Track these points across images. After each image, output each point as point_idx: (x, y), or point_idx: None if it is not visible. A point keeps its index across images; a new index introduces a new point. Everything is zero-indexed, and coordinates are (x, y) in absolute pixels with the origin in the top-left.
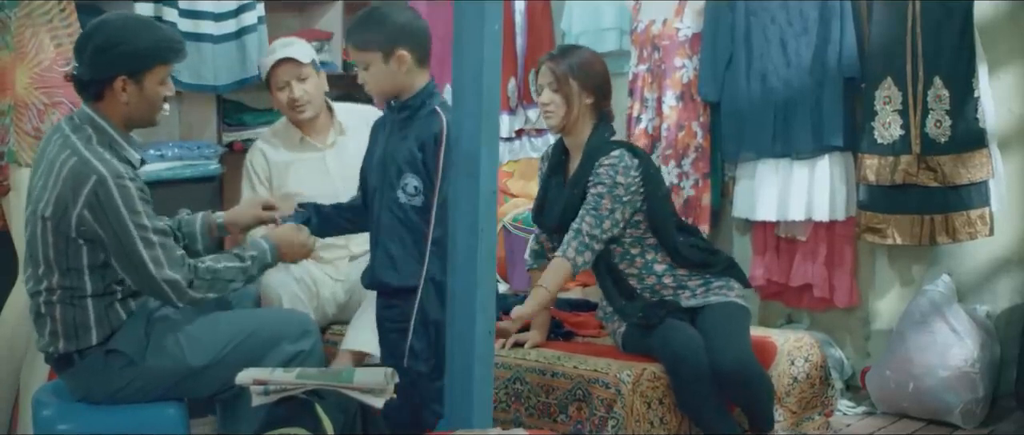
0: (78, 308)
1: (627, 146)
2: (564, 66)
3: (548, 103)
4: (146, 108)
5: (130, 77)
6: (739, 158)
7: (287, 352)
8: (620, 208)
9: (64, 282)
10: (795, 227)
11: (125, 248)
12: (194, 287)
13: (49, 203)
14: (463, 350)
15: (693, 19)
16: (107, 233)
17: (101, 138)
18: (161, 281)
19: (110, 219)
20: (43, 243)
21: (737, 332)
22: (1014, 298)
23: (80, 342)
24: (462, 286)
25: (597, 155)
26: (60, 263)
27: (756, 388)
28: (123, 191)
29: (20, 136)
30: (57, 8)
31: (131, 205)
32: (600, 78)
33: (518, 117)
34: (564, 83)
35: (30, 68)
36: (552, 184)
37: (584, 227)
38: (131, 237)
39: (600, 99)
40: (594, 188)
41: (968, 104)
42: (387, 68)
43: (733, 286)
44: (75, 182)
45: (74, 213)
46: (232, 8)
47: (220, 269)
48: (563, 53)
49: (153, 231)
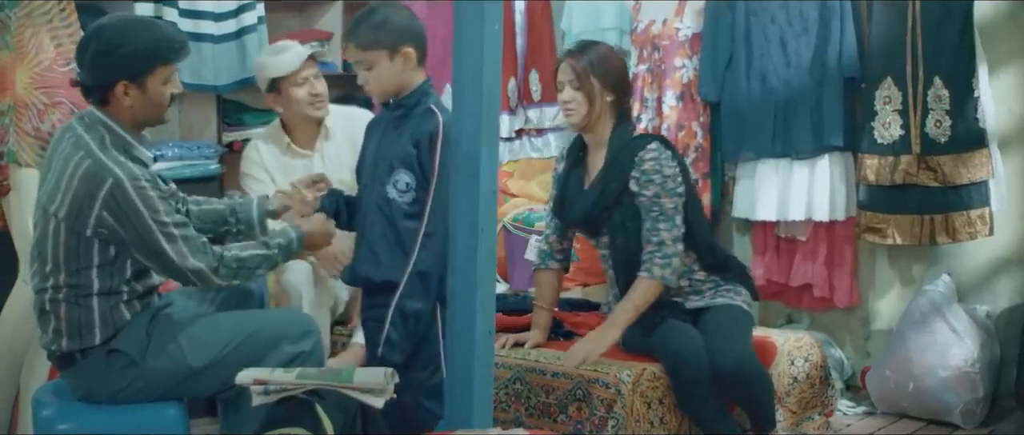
0: (83, 307)
1: (658, 138)
2: (584, 62)
3: (569, 100)
4: (152, 108)
5: (131, 81)
6: (739, 158)
7: (287, 353)
8: (677, 201)
9: (71, 280)
10: (795, 227)
11: (149, 245)
12: (219, 274)
13: (63, 204)
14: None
15: (693, 19)
16: (128, 232)
17: (114, 140)
18: (186, 270)
19: (130, 219)
20: (53, 242)
21: (739, 333)
22: (1014, 298)
23: (83, 341)
24: (462, 286)
25: (629, 151)
26: (69, 262)
27: (757, 388)
28: (140, 192)
29: (20, 136)
30: (57, 8)
31: (150, 204)
32: (619, 74)
33: (518, 117)
34: (585, 80)
35: (30, 68)
36: (571, 180)
37: (665, 238)
38: (153, 234)
39: (620, 96)
40: (647, 189)
41: (968, 104)
42: (392, 67)
43: (741, 292)
44: (92, 184)
45: (92, 215)
46: (232, 8)
47: (246, 258)
48: (583, 49)
49: (174, 225)
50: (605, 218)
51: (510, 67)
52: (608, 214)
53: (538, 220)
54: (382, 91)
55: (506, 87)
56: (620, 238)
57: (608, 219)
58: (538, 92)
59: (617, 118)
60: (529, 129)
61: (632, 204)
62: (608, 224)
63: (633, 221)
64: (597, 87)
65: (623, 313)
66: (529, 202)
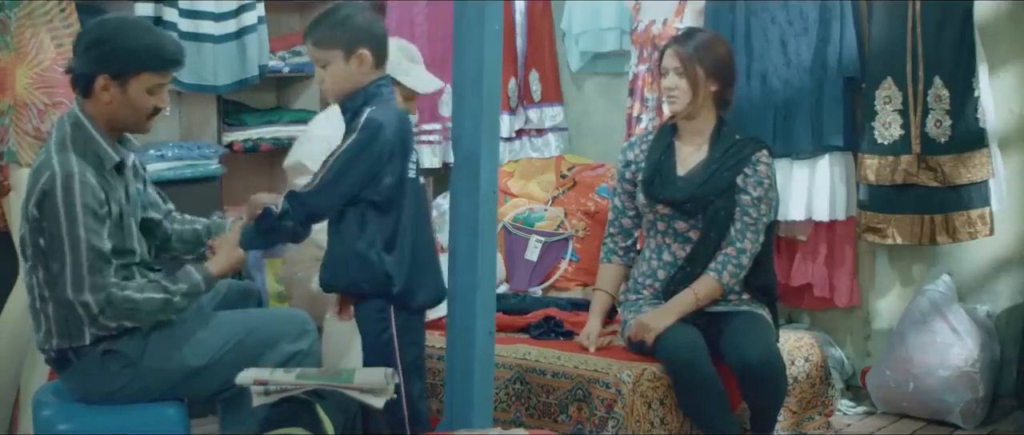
0: (66, 305)
1: (767, 145)
2: (690, 49)
3: (673, 88)
4: (130, 113)
5: (112, 78)
6: None
7: (285, 352)
8: (769, 217)
9: (49, 280)
10: (795, 227)
11: (55, 254)
12: (105, 315)
13: (28, 199)
14: (463, 350)
15: (693, 19)
16: (45, 235)
17: (77, 135)
18: (74, 301)
19: (50, 219)
20: (23, 241)
21: (764, 332)
22: (1014, 298)
23: (73, 340)
24: (462, 286)
25: (741, 146)
26: (39, 262)
27: (775, 386)
28: (67, 192)
29: (20, 136)
30: (57, 8)
31: (71, 208)
32: (725, 63)
33: (518, 117)
34: (690, 68)
35: (30, 68)
36: (664, 163)
37: (747, 247)
38: (61, 244)
39: (724, 87)
40: (754, 190)
41: (968, 104)
42: (347, 68)
43: (763, 308)
44: (34, 178)
45: (29, 208)
46: (232, 8)
47: (140, 301)
48: (689, 36)
49: (86, 246)
50: (706, 205)
51: (510, 67)
52: (711, 202)
53: (538, 220)
54: (337, 91)
55: (506, 87)
56: (713, 232)
57: (708, 206)
58: (538, 92)
59: (719, 108)
60: (529, 129)
61: (732, 200)
62: (705, 212)
63: (728, 219)
64: (701, 75)
65: (685, 303)
66: (529, 202)
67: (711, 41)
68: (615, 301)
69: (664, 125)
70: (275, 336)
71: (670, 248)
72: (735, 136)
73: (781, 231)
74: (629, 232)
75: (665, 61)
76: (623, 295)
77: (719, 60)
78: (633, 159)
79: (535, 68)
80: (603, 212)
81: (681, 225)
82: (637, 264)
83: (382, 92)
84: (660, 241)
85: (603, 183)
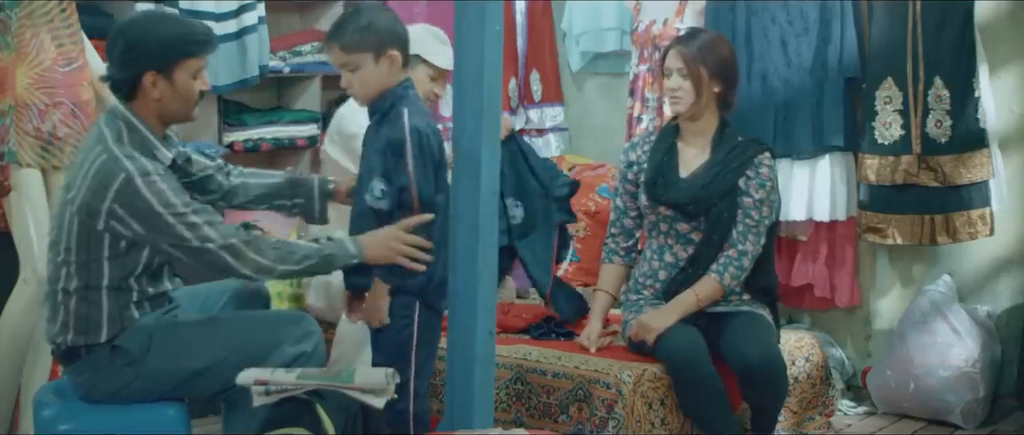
0: (92, 302)
1: (769, 147)
2: (694, 50)
3: (676, 88)
4: (180, 103)
5: (159, 73)
6: None
7: (288, 354)
8: (771, 220)
9: (82, 273)
10: (796, 227)
11: (167, 236)
12: (255, 249)
13: (79, 195)
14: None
15: (693, 19)
16: (142, 226)
17: (132, 136)
18: (216, 250)
19: (142, 213)
20: (67, 233)
21: (765, 332)
22: (1015, 298)
23: (90, 337)
24: (462, 286)
25: (743, 148)
26: (80, 255)
27: (776, 386)
28: (151, 187)
29: (20, 136)
30: (58, 8)
31: (162, 198)
32: (728, 65)
33: (518, 117)
34: (694, 69)
35: (31, 68)
36: (666, 164)
37: (748, 250)
38: (169, 225)
39: (727, 88)
40: (756, 192)
41: (969, 104)
42: (377, 70)
43: (765, 309)
44: (105, 178)
45: (103, 208)
46: (233, 8)
47: (291, 242)
48: (692, 36)
49: (194, 212)
50: (708, 207)
51: (511, 67)
52: (713, 204)
53: None
54: (367, 94)
55: (507, 87)
56: (716, 234)
57: (710, 208)
58: (539, 92)
59: (721, 109)
60: (529, 129)
61: (735, 202)
62: (708, 214)
63: (731, 221)
64: (705, 77)
65: (686, 304)
66: None
67: (715, 42)
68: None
69: (666, 126)
70: (278, 338)
71: (672, 249)
72: (737, 138)
73: (782, 231)
74: (631, 233)
75: (669, 62)
76: (624, 295)
77: (723, 61)
78: (635, 160)
79: (536, 68)
80: (604, 212)
81: (683, 226)
82: (638, 264)
83: (408, 93)
84: (662, 242)
85: (604, 183)
